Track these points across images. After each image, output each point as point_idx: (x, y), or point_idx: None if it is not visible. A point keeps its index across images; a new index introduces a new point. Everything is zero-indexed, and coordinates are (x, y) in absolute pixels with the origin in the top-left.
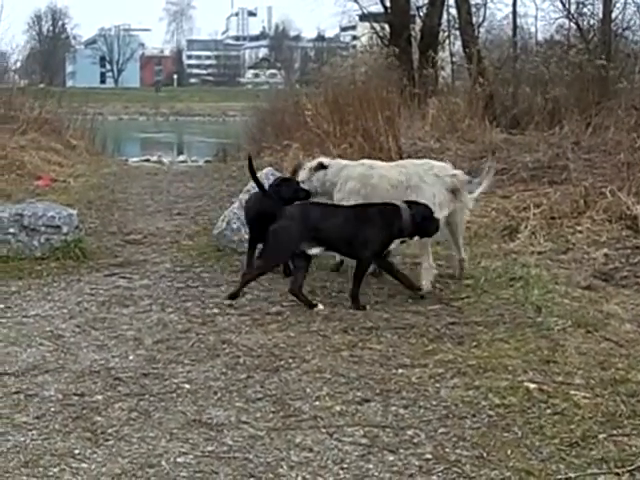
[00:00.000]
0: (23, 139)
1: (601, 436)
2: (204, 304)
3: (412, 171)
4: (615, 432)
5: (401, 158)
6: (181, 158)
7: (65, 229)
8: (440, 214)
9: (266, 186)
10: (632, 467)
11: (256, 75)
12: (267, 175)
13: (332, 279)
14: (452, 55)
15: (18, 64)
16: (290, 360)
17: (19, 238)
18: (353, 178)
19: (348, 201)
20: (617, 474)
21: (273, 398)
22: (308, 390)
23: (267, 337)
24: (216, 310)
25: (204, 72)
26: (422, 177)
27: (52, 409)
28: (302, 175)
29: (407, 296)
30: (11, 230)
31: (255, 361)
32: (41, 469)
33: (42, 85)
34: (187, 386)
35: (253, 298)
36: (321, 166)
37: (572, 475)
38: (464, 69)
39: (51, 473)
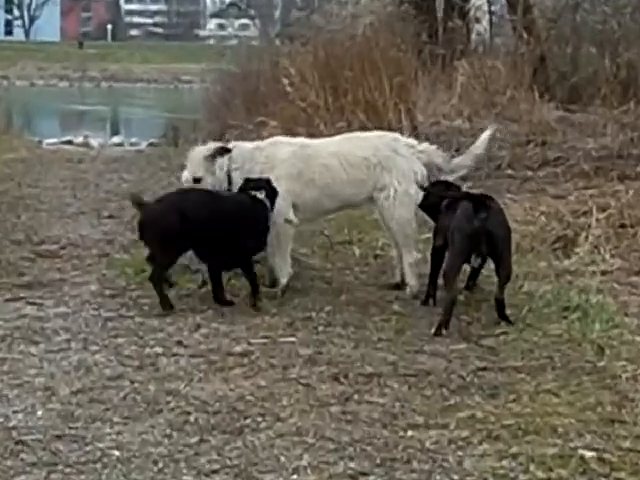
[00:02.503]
0: None
1: None
2: (142, 341)
3: (378, 143)
4: None
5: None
6: (116, 140)
7: None
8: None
9: None
10: None
11: (221, 26)
12: None
13: (319, 307)
14: (490, 3)
15: None
16: (259, 418)
17: None
18: (285, 160)
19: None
20: None
21: (235, 470)
22: (283, 459)
23: (228, 386)
24: (158, 349)
25: (149, 21)
26: (395, 149)
27: None
28: (193, 167)
29: (421, 332)
30: None
31: (211, 419)
32: None
33: None
34: (116, 453)
35: (210, 332)
36: (223, 151)
37: None
38: (506, 22)
39: None
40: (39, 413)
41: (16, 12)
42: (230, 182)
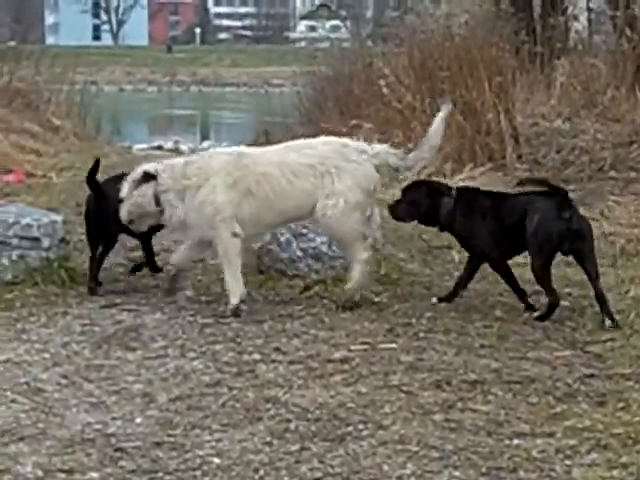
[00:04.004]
0: None
1: None
2: (240, 347)
3: (325, 150)
4: None
5: (517, 142)
6: (206, 144)
7: (46, 242)
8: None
9: None
10: None
11: (312, 28)
12: None
13: (419, 314)
14: None
15: None
16: (360, 426)
17: None
18: (219, 170)
19: (216, 204)
20: None
21: (337, 478)
22: (386, 468)
23: (328, 393)
24: (257, 356)
25: (238, 24)
26: (346, 155)
27: None
28: (124, 190)
29: (524, 338)
30: None
31: (312, 427)
32: None
33: (12, 43)
34: (216, 460)
35: (308, 339)
36: (147, 177)
37: None
38: (606, 18)
39: None
40: (138, 420)
41: (104, 17)
42: (158, 204)
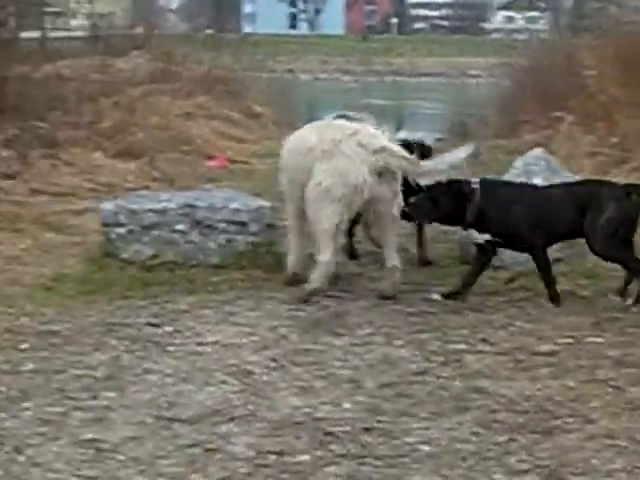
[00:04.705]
0: (188, 104)
1: None
2: (446, 337)
3: (324, 134)
4: None
5: None
6: (401, 135)
7: (253, 227)
8: None
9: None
10: None
11: (509, 19)
12: (536, 159)
13: (626, 308)
14: None
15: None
16: (568, 419)
17: (190, 238)
18: None
19: None
20: None
21: (545, 471)
22: (594, 462)
23: (535, 386)
24: (463, 346)
25: (435, 14)
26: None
27: (241, 470)
28: None
29: None
30: (179, 227)
31: (519, 418)
32: None
33: (210, 31)
34: (425, 448)
35: (515, 330)
36: None
37: None
38: None
39: None
40: (346, 405)
41: (300, 5)
42: None
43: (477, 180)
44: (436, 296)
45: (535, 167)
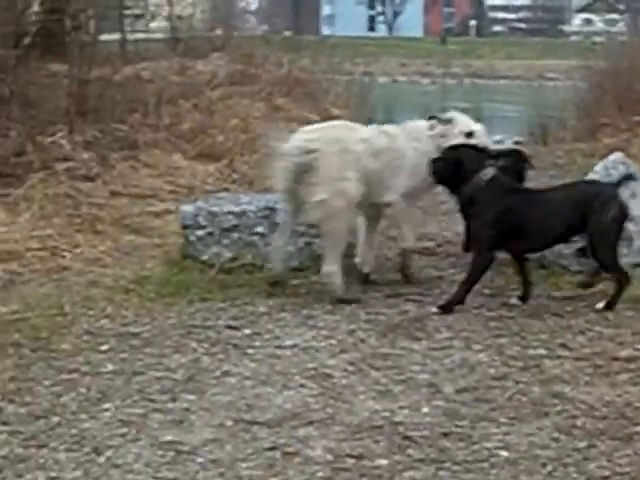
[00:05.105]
0: (267, 106)
1: None
2: (525, 342)
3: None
4: None
5: None
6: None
7: None
8: None
9: (613, 177)
10: None
11: (587, 21)
12: (615, 163)
13: None
14: None
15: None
16: None
17: (269, 241)
18: None
19: None
20: None
21: (625, 478)
22: None
23: (615, 392)
24: (542, 351)
25: (513, 17)
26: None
27: (319, 474)
28: None
29: None
30: (258, 229)
31: (599, 424)
32: None
33: (288, 33)
34: (504, 454)
35: (594, 336)
36: None
37: None
38: None
39: None
40: (424, 410)
41: (379, 8)
42: None
43: None
44: (515, 300)
45: (614, 171)
